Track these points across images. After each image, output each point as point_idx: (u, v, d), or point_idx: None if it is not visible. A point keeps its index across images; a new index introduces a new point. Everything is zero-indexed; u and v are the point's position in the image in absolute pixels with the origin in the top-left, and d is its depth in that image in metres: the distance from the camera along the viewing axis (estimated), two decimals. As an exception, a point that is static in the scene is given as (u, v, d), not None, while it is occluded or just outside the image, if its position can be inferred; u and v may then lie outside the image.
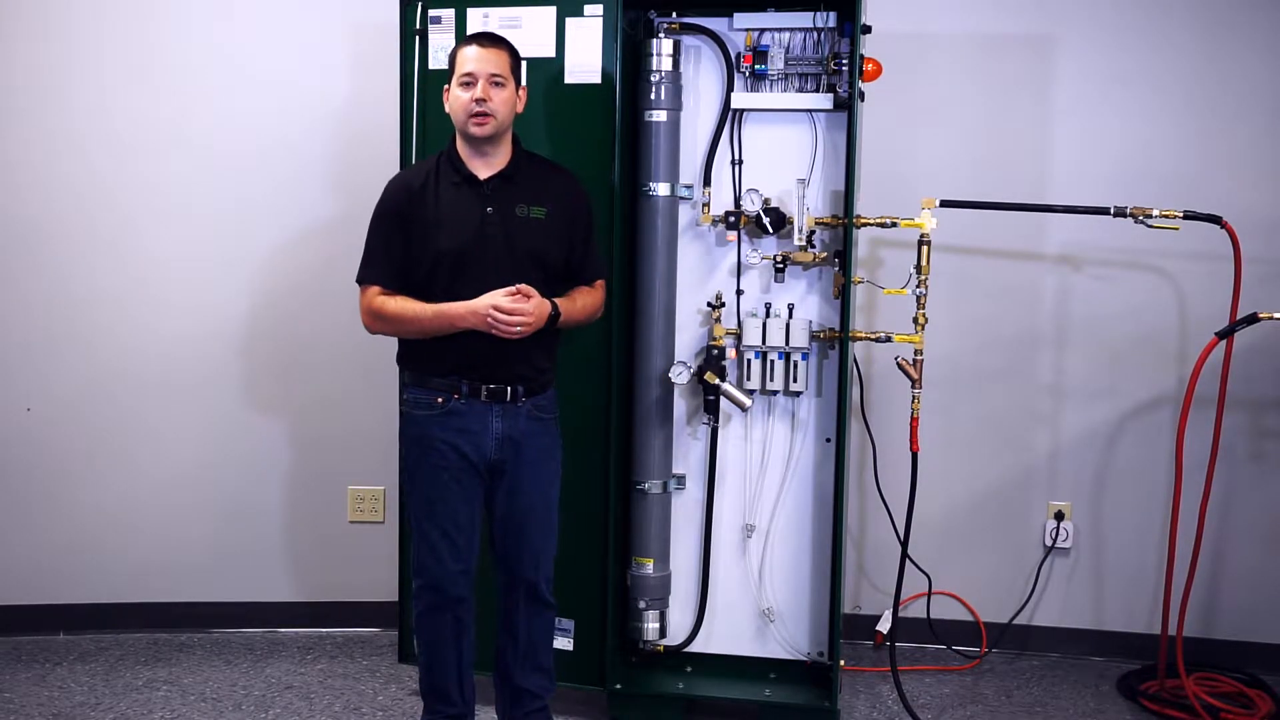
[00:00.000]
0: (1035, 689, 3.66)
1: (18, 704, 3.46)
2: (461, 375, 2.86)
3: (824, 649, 3.35)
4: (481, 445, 2.88)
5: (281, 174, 3.90)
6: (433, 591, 2.94)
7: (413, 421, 2.92)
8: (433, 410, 2.87)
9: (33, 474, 3.93)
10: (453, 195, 2.85)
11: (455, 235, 2.82)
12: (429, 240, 2.82)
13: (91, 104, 3.85)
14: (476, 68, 2.80)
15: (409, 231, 2.83)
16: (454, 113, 2.84)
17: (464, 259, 2.82)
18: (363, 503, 4.02)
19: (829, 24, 3.20)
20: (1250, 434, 3.73)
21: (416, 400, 2.90)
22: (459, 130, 2.86)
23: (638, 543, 3.31)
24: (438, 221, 2.83)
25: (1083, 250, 3.76)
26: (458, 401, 2.86)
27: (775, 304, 3.30)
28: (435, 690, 3.02)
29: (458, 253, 2.82)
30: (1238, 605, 3.78)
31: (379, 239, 2.87)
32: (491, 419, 2.88)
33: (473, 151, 2.87)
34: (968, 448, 3.87)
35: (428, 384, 2.88)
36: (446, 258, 2.82)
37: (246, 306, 3.94)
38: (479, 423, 2.87)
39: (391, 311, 2.83)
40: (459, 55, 2.84)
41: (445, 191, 2.85)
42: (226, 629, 4.01)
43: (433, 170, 2.87)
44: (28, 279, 3.89)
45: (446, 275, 2.82)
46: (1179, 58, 3.70)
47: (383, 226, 2.87)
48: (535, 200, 2.89)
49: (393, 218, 2.85)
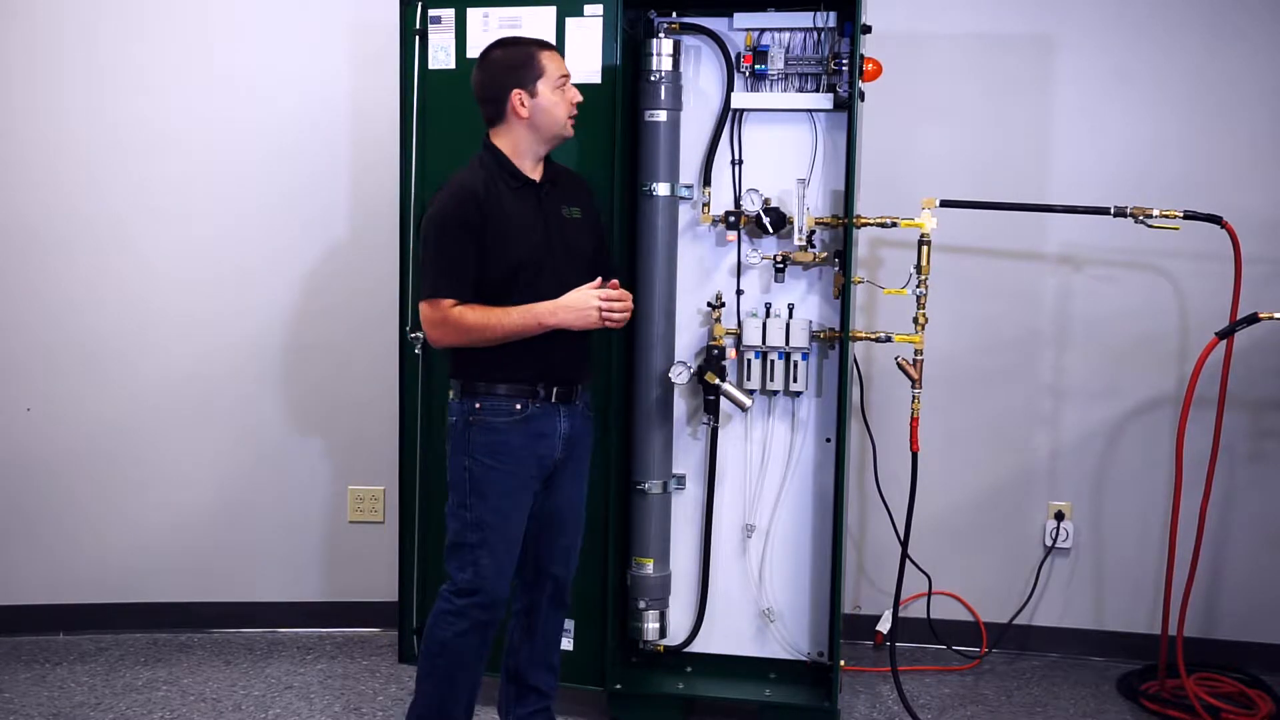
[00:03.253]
0: (1035, 689, 3.66)
1: (18, 704, 3.46)
2: (539, 379, 2.81)
3: (824, 649, 3.35)
4: (554, 448, 2.86)
5: (281, 175, 3.90)
6: (489, 609, 2.81)
7: (489, 430, 2.78)
8: (513, 417, 2.79)
9: (33, 474, 3.93)
10: (515, 201, 2.78)
11: (529, 242, 2.78)
12: (507, 249, 2.75)
13: (89, 107, 3.86)
14: (568, 70, 2.83)
15: (482, 241, 2.73)
16: (552, 114, 2.79)
17: (540, 265, 2.78)
18: (363, 503, 4.02)
19: (829, 24, 3.20)
20: (1250, 434, 3.73)
21: (495, 408, 2.79)
22: (551, 133, 2.81)
23: (638, 543, 3.31)
24: (511, 230, 2.75)
25: (1083, 250, 3.76)
26: (535, 406, 2.81)
27: (775, 304, 3.30)
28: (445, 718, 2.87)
29: (534, 259, 2.78)
30: (1238, 605, 3.78)
31: (451, 250, 2.73)
32: (559, 420, 2.85)
33: (535, 156, 2.83)
34: (968, 448, 3.87)
35: (501, 391, 2.79)
36: (525, 265, 2.76)
37: (246, 307, 3.94)
38: (550, 425, 2.84)
39: (474, 322, 2.72)
40: (548, 58, 2.80)
41: (507, 198, 2.77)
42: (226, 629, 4.01)
43: (488, 176, 2.78)
44: (27, 280, 3.89)
45: (523, 282, 2.76)
46: (1180, 56, 3.70)
47: (453, 237, 2.73)
48: (573, 201, 2.91)
49: (465, 228, 2.72)
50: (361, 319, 3.90)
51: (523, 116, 2.78)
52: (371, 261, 3.85)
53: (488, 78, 2.81)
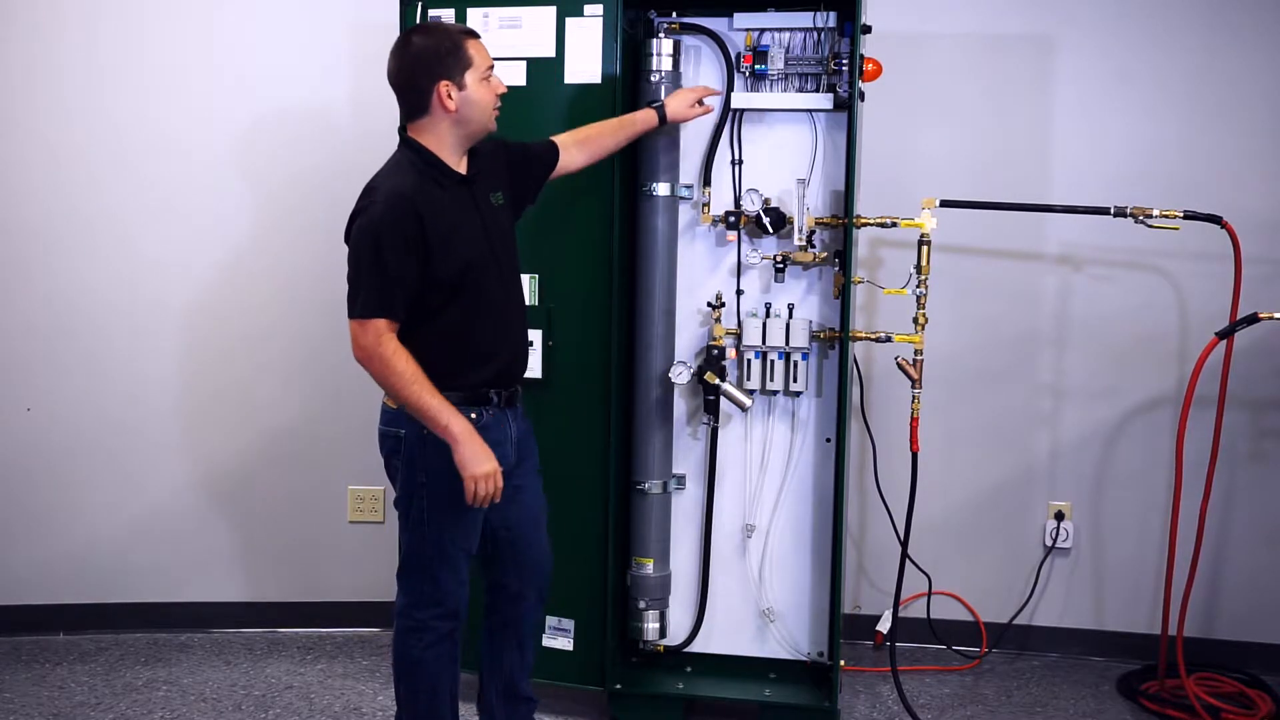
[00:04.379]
0: (1035, 689, 3.66)
1: (18, 704, 3.46)
2: (491, 385, 2.68)
3: (824, 649, 3.35)
4: (508, 455, 2.72)
5: (281, 175, 3.90)
6: (452, 619, 2.73)
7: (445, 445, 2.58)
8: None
9: (33, 474, 3.94)
10: (450, 201, 2.62)
11: (471, 241, 2.63)
12: (451, 252, 2.58)
13: (88, 106, 3.85)
14: (492, 60, 2.66)
15: (423, 250, 2.55)
16: (479, 106, 2.62)
17: (485, 264, 2.66)
18: (363, 503, 4.02)
19: (829, 24, 3.20)
20: (1250, 434, 3.73)
21: None
22: (477, 126, 2.65)
23: (638, 543, 3.31)
24: (451, 232, 2.58)
25: (1083, 250, 3.76)
26: (488, 415, 2.68)
27: (775, 304, 3.30)
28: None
29: (479, 259, 2.64)
30: (1238, 605, 3.78)
31: (387, 265, 2.52)
32: (509, 426, 2.75)
33: (460, 151, 2.67)
34: (968, 448, 3.87)
35: (453, 400, 2.60)
36: (472, 265, 2.62)
37: (247, 306, 3.94)
38: (502, 433, 2.71)
39: (400, 371, 2.52)
40: (474, 47, 2.62)
41: (441, 199, 2.60)
42: (226, 629, 4.01)
43: (418, 178, 2.59)
44: (27, 280, 3.89)
45: (470, 282, 2.62)
46: (1180, 56, 3.69)
47: (391, 250, 2.51)
48: (495, 185, 2.76)
49: (403, 239, 2.52)
50: (361, 319, 3.90)
51: (449, 110, 2.60)
52: (371, 261, 3.85)
53: (410, 67, 2.60)
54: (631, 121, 3.06)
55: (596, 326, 3.19)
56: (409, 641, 2.73)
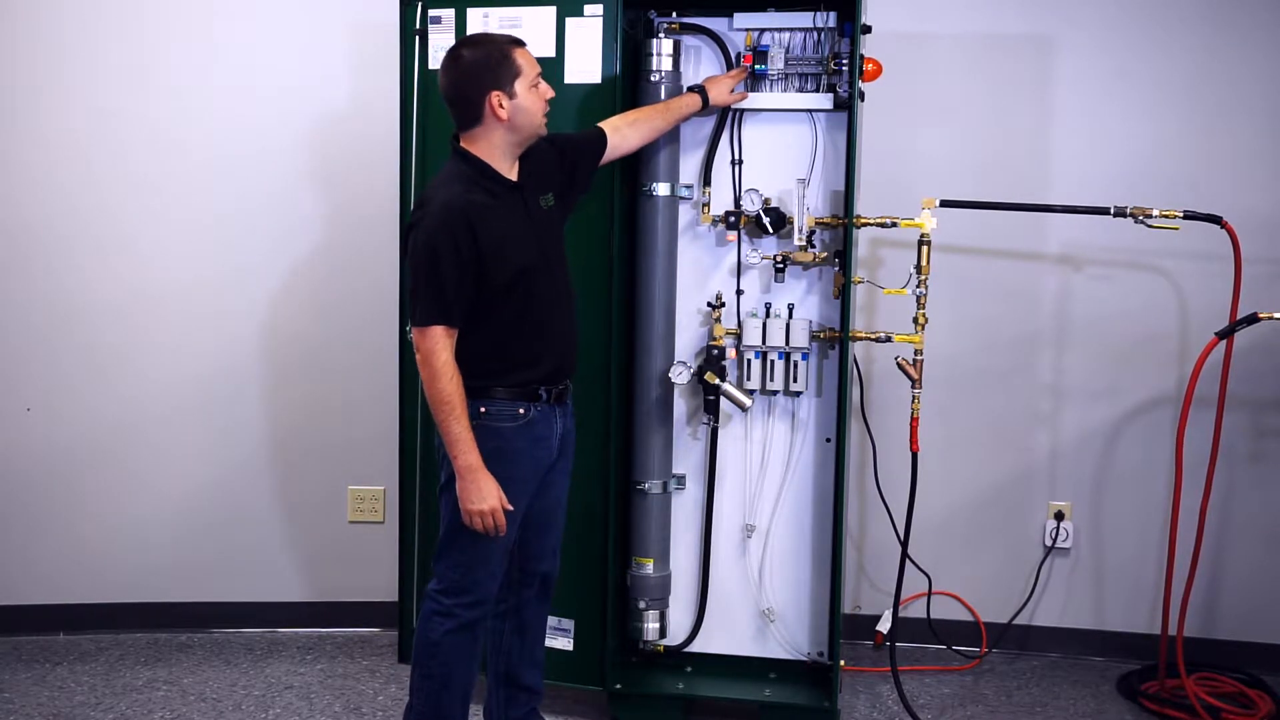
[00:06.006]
0: (1035, 689, 3.66)
1: (18, 704, 3.46)
2: (542, 383, 2.77)
3: (824, 649, 3.35)
4: (551, 451, 2.84)
5: (281, 176, 3.90)
6: (477, 607, 2.79)
7: (493, 434, 2.70)
8: (516, 421, 2.74)
9: (33, 474, 3.93)
10: (501, 209, 2.69)
11: (524, 248, 2.71)
12: (505, 259, 2.66)
13: (89, 106, 3.85)
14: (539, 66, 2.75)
15: (477, 259, 2.62)
16: (529, 113, 2.69)
17: (536, 269, 2.72)
18: (363, 503, 4.02)
19: (829, 24, 3.20)
20: (1250, 434, 3.73)
21: (499, 412, 2.72)
22: (529, 132, 2.73)
23: (638, 543, 3.31)
24: (504, 240, 2.66)
25: (1083, 250, 3.76)
26: (536, 410, 2.77)
27: (775, 304, 3.30)
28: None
29: (531, 264, 2.71)
30: (1238, 605, 3.78)
31: (443, 276, 2.60)
32: (556, 422, 2.84)
33: (512, 158, 2.74)
34: (968, 448, 3.87)
35: (504, 394, 2.72)
36: (525, 271, 2.69)
37: (246, 306, 3.94)
38: (548, 429, 2.81)
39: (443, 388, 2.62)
40: (521, 56, 2.70)
41: (493, 207, 2.67)
42: (226, 629, 4.01)
43: (468, 188, 2.66)
44: (27, 280, 3.89)
45: (522, 288, 2.70)
46: (1180, 56, 3.69)
47: (446, 262, 2.60)
48: (545, 187, 2.83)
49: (457, 251, 2.60)
50: (361, 318, 3.90)
51: (502, 119, 2.67)
52: (371, 261, 3.85)
53: (461, 80, 2.69)
54: (677, 105, 3.13)
55: (597, 326, 3.18)
56: (432, 623, 2.80)
